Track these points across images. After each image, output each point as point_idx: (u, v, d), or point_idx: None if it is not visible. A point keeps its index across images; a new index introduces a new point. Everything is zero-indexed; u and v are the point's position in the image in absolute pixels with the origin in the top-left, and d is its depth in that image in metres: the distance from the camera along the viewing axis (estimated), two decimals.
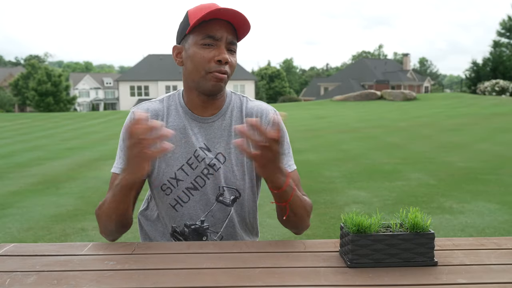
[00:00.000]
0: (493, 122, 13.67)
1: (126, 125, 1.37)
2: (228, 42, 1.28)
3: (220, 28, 1.26)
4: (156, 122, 1.09)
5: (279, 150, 1.15)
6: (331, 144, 10.06)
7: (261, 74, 61.93)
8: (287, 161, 1.37)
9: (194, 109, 1.37)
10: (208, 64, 1.27)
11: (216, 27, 1.26)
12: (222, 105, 1.39)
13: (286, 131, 1.42)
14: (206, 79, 1.29)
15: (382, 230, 1.04)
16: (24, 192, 5.84)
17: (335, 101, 29.49)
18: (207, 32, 1.26)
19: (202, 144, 1.36)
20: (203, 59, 1.27)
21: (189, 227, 1.38)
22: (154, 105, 1.40)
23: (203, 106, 1.36)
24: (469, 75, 38.78)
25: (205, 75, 1.28)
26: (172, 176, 1.35)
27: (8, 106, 49.19)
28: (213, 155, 1.36)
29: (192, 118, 1.37)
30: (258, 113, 1.41)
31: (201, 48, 1.27)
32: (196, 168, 1.35)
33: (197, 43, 1.27)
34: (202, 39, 1.27)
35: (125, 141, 1.14)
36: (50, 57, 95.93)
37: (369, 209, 4.59)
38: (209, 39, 1.26)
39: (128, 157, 1.14)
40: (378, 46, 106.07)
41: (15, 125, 18.56)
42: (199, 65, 1.28)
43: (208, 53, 1.27)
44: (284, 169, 1.22)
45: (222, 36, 1.26)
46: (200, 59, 1.27)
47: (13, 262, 1.05)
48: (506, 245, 1.15)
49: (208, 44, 1.27)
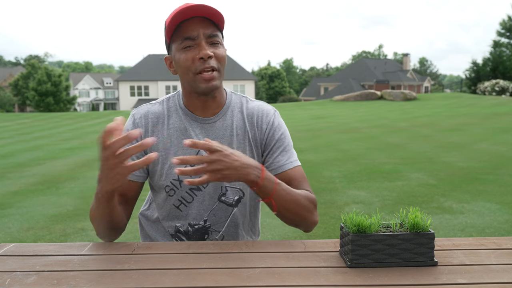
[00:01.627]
0: (493, 122, 13.66)
1: (126, 128, 1.38)
2: (207, 37, 1.27)
3: (193, 27, 1.26)
4: (134, 132, 1.00)
5: (222, 157, 1.11)
6: (331, 144, 10.06)
7: (261, 74, 61.96)
8: (288, 158, 1.37)
9: (194, 110, 1.37)
10: (193, 65, 1.27)
11: (190, 27, 1.26)
12: (222, 104, 1.39)
13: (285, 127, 1.43)
14: (196, 81, 1.29)
15: (382, 230, 1.04)
16: (24, 192, 5.84)
17: (335, 101, 29.49)
18: (183, 35, 1.26)
19: None
20: (187, 62, 1.27)
21: (193, 226, 1.39)
22: (154, 108, 1.40)
23: (203, 106, 1.36)
24: (469, 75, 38.79)
25: (193, 77, 1.28)
26: (175, 177, 1.35)
27: (8, 106, 49.21)
28: None
29: (193, 119, 1.37)
30: (259, 113, 1.41)
31: (183, 52, 1.27)
32: None
33: (179, 49, 1.28)
34: (181, 43, 1.27)
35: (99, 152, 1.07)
36: (50, 57, 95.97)
37: (369, 209, 4.59)
38: (187, 41, 1.26)
39: (102, 169, 1.06)
40: (378, 46, 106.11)
41: (15, 125, 18.56)
42: (185, 69, 1.28)
43: (190, 54, 1.26)
44: (256, 164, 1.18)
45: (198, 34, 1.26)
46: (184, 62, 1.27)
47: (13, 262, 1.05)
48: (506, 245, 1.15)
49: (188, 46, 1.27)
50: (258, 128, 1.40)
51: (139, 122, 1.37)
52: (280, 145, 1.38)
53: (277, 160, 1.36)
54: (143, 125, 1.37)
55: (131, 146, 1.02)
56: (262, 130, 1.40)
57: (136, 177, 1.37)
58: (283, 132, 1.41)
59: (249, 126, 1.40)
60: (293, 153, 1.40)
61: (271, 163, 1.37)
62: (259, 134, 1.40)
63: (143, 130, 1.36)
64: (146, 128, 1.37)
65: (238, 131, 1.39)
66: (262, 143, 1.40)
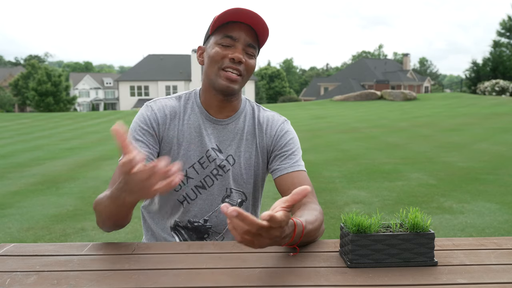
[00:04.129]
0: (493, 122, 13.66)
1: (143, 116, 1.36)
2: (246, 44, 1.30)
3: (238, 30, 1.29)
4: (161, 163, 0.94)
5: (275, 231, 0.90)
6: (331, 144, 10.06)
7: (261, 74, 61.93)
8: (295, 161, 1.38)
9: (210, 109, 1.39)
10: (222, 60, 1.29)
11: (235, 28, 1.29)
12: (237, 108, 1.41)
13: (296, 135, 1.45)
14: (218, 76, 1.30)
15: (382, 230, 1.04)
16: (24, 192, 5.84)
17: (335, 101, 29.48)
18: (226, 32, 1.29)
19: (214, 145, 1.38)
20: (218, 56, 1.29)
21: (193, 223, 1.40)
22: (172, 102, 1.41)
23: (219, 106, 1.38)
24: (469, 75, 38.80)
25: (217, 71, 1.30)
26: (184, 173, 1.37)
27: (8, 106, 49.20)
28: (223, 157, 1.38)
29: (207, 118, 1.38)
30: (269, 121, 1.43)
31: (219, 46, 1.30)
32: (206, 167, 1.37)
33: (217, 42, 1.31)
34: (221, 39, 1.30)
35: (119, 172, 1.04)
36: (50, 57, 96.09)
37: (369, 209, 4.59)
38: (227, 39, 1.29)
39: (130, 184, 0.99)
40: (378, 46, 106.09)
41: (15, 125, 18.55)
42: (213, 61, 1.30)
43: (224, 51, 1.29)
44: (290, 232, 0.98)
45: (240, 37, 1.29)
46: (215, 55, 1.30)
47: (13, 262, 1.05)
48: (506, 245, 1.15)
49: (226, 44, 1.30)
50: (267, 135, 1.42)
51: (158, 113, 1.37)
52: (287, 149, 1.39)
53: (283, 163, 1.37)
54: (161, 116, 1.37)
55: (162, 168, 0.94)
56: (270, 137, 1.41)
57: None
58: (292, 138, 1.42)
59: (258, 133, 1.41)
60: (300, 160, 1.40)
61: (276, 166, 1.37)
62: (266, 141, 1.41)
63: (161, 121, 1.37)
64: (164, 119, 1.37)
65: (248, 136, 1.40)
66: (268, 149, 1.41)
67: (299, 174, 1.35)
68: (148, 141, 1.34)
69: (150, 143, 1.34)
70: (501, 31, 40.01)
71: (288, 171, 1.35)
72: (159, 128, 1.36)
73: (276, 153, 1.39)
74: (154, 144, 1.35)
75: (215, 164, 1.37)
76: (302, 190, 0.92)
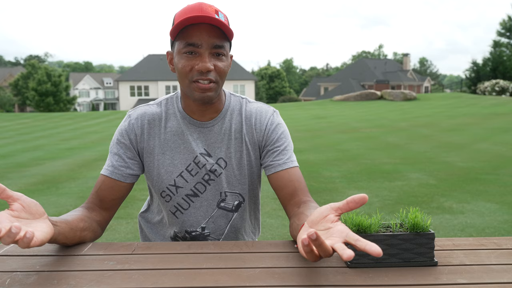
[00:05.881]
0: (493, 122, 13.67)
1: (121, 128, 1.34)
2: (211, 47, 1.20)
3: (200, 34, 1.18)
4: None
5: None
6: (331, 144, 10.06)
7: (261, 74, 61.97)
8: (288, 157, 1.31)
9: (192, 114, 1.32)
10: (190, 73, 1.21)
11: (196, 33, 1.18)
12: (221, 108, 1.34)
13: (286, 128, 1.38)
14: (191, 89, 1.23)
15: (382, 230, 1.04)
16: (24, 192, 5.83)
17: (335, 101, 29.48)
18: (187, 39, 1.19)
19: (203, 150, 1.32)
20: (185, 69, 1.21)
21: (190, 233, 1.37)
22: (152, 109, 1.35)
23: (201, 110, 1.31)
24: (469, 75, 38.81)
25: (189, 84, 1.23)
26: (172, 183, 1.33)
27: (8, 106, 49.21)
28: (214, 161, 1.32)
29: (190, 123, 1.32)
30: (257, 114, 1.36)
31: (183, 57, 1.21)
32: (196, 174, 1.32)
33: (180, 52, 1.22)
34: (184, 47, 1.20)
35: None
36: (50, 57, 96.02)
37: (369, 209, 4.59)
38: (190, 47, 1.19)
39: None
40: (378, 46, 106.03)
41: (15, 125, 18.55)
42: (182, 74, 1.22)
43: (189, 62, 1.20)
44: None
45: (202, 42, 1.19)
46: (182, 68, 1.21)
47: (13, 262, 1.05)
48: (506, 245, 1.15)
49: (190, 52, 1.20)
50: (256, 130, 1.34)
51: (135, 123, 1.32)
52: (279, 144, 1.32)
53: (277, 159, 1.30)
54: (139, 126, 1.32)
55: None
56: (260, 131, 1.34)
57: (120, 176, 1.30)
58: (283, 132, 1.35)
59: (246, 129, 1.34)
60: (293, 155, 1.34)
61: (269, 162, 1.31)
62: (257, 136, 1.34)
63: (139, 131, 1.32)
64: (142, 129, 1.32)
65: (237, 135, 1.34)
66: (260, 145, 1.35)
67: (294, 171, 1.29)
68: (125, 154, 1.30)
69: (127, 156, 1.30)
70: (501, 31, 40.05)
71: (283, 167, 1.29)
72: (137, 139, 1.32)
73: (269, 148, 1.33)
74: (132, 157, 1.31)
75: (206, 170, 1.32)
76: (360, 199, 0.84)
